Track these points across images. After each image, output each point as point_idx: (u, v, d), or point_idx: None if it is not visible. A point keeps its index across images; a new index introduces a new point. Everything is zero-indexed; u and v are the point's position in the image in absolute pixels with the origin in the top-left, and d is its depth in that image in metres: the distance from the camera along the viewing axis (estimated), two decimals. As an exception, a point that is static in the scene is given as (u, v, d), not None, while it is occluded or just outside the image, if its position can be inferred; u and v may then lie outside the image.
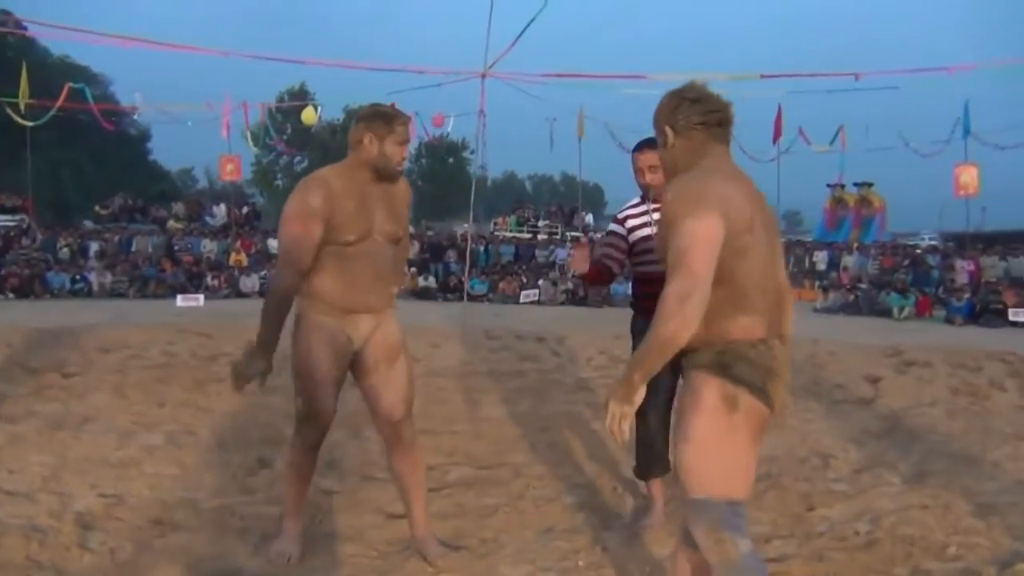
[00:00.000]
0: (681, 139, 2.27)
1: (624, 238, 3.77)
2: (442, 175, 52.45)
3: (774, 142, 24.71)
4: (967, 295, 17.68)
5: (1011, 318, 15.48)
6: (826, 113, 24.04)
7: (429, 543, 3.26)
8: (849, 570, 3.25)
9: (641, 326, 3.39)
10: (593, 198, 54.65)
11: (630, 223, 3.75)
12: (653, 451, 3.67)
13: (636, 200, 3.80)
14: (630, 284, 3.97)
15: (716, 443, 2.15)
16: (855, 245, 24.89)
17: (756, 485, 4.26)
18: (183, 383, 6.78)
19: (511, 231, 25.94)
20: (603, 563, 3.29)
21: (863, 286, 20.43)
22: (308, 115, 22.85)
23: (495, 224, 28.20)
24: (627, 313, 3.88)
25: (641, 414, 3.20)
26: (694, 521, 2.19)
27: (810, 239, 28.45)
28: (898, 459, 4.88)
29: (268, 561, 3.21)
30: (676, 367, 2.60)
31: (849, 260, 22.18)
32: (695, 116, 2.24)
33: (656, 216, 3.44)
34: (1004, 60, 21.72)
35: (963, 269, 20.73)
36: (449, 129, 25.38)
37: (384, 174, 3.11)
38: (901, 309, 17.25)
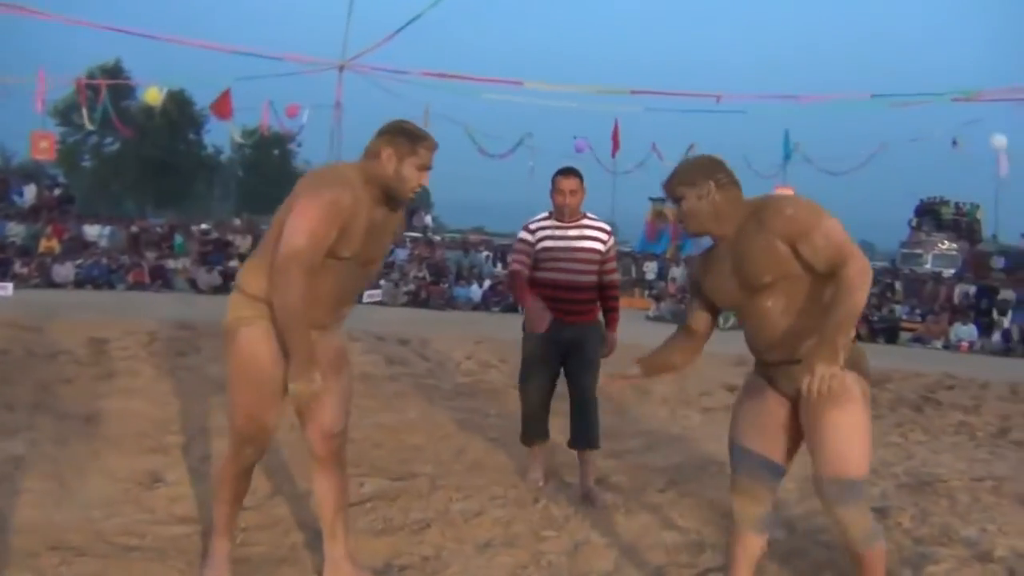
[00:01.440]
0: (722, 193, 2.74)
1: (532, 245, 4.45)
2: (267, 167, 50.50)
3: (612, 155, 25.64)
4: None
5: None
6: (685, 131, 25.40)
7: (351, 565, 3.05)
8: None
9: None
10: (421, 200, 54.51)
11: (539, 234, 4.45)
12: (538, 422, 4.49)
13: (545, 214, 4.51)
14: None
15: (866, 430, 2.62)
16: (670, 256, 26.35)
17: (670, 494, 4.42)
18: (27, 384, 6.07)
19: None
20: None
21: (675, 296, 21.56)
22: (152, 95, 21.27)
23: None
24: (473, 315, 3.99)
25: (528, 391, 4.46)
26: (850, 499, 2.59)
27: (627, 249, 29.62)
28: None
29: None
30: (553, 356, 4.37)
31: (676, 271, 23.37)
32: (730, 177, 2.78)
33: (573, 232, 4.40)
34: (841, 94, 23.65)
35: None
36: (304, 121, 24.20)
37: (393, 196, 2.84)
38: (727, 319, 18.34)
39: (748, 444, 2.81)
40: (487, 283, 20.48)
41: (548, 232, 4.42)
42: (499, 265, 22.86)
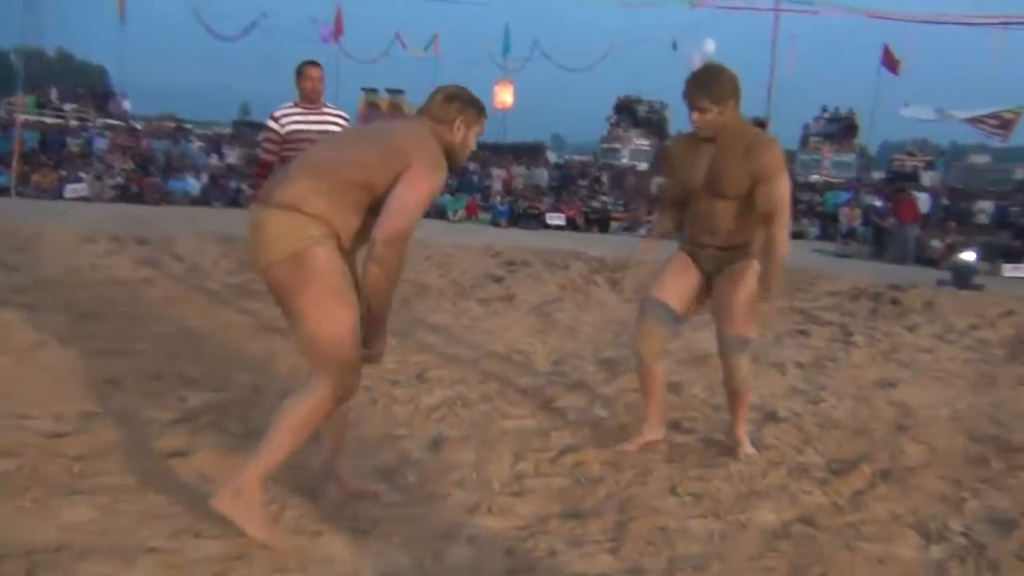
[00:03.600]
0: (734, 112, 3.38)
1: (279, 133, 5.02)
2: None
3: (335, 38, 24.59)
4: (508, 199, 19.89)
5: (548, 221, 17.93)
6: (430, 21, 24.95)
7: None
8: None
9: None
10: (92, 80, 48.62)
11: (285, 120, 5.04)
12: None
13: (290, 104, 5.11)
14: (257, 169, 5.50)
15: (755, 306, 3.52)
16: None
17: (491, 385, 4.59)
18: None
19: (29, 113, 22.11)
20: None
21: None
22: None
23: (7, 104, 23.73)
24: (195, 211, 3.98)
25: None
26: (745, 350, 3.56)
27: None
28: (585, 350, 5.56)
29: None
30: None
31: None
32: (740, 98, 3.40)
33: (317, 117, 5.05)
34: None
35: (498, 176, 23.21)
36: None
37: (453, 162, 2.81)
38: (455, 211, 18.82)
39: (664, 298, 3.59)
40: (204, 176, 19.11)
41: (295, 118, 5.02)
42: (214, 156, 21.36)
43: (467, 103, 2.82)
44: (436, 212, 18.68)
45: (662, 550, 2.73)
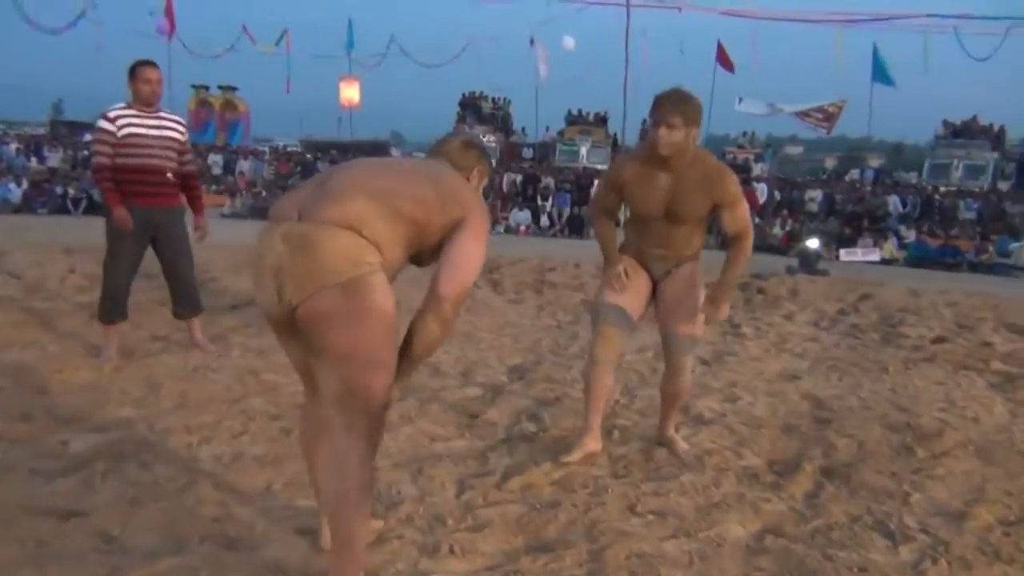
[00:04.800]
0: (696, 133, 3.35)
1: (114, 135, 4.61)
2: None
3: (168, 36, 23.11)
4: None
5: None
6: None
7: None
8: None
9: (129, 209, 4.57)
10: None
11: (120, 122, 4.62)
12: (120, 303, 4.75)
13: (123, 104, 4.70)
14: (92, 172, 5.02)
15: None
16: (220, 146, 25.12)
17: (408, 402, 4.28)
18: None
19: None
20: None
21: (258, 190, 20.80)
22: None
23: None
24: (16, 220, 3.59)
25: (113, 271, 4.70)
26: (692, 350, 3.63)
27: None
28: (490, 357, 5.33)
29: None
30: (140, 240, 4.71)
31: (245, 165, 22.21)
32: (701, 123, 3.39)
33: (154, 122, 4.70)
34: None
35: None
36: None
37: None
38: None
39: (619, 302, 3.53)
40: (24, 181, 17.40)
41: (130, 120, 4.65)
42: (34, 159, 19.53)
43: (484, 153, 2.65)
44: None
45: (647, 579, 2.55)
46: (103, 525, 2.65)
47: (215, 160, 22.47)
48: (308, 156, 26.27)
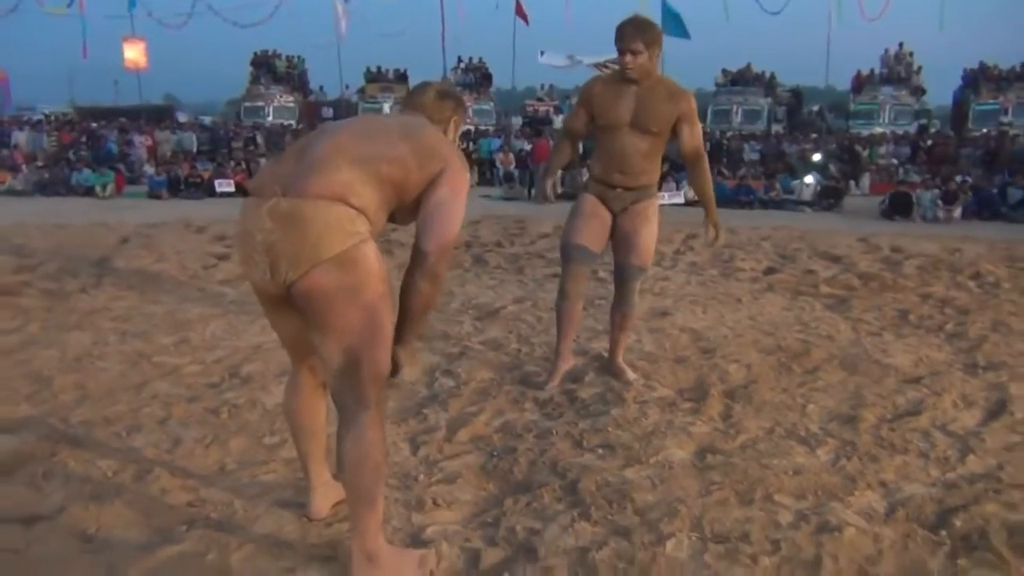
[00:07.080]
0: (657, 55, 3.74)
1: None
2: None
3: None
4: (161, 169, 18.18)
5: (217, 189, 16.71)
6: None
7: None
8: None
9: None
10: None
11: None
12: None
13: None
14: None
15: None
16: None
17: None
18: None
19: None
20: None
21: (39, 164, 19.03)
22: None
23: None
24: None
25: None
26: (640, 277, 4.07)
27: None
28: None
29: None
30: None
31: (21, 137, 20.14)
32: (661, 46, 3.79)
33: None
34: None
35: (141, 144, 21.04)
36: None
37: None
38: (104, 187, 16.75)
39: (582, 241, 3.92)
40: None
41: None
42: None
43: (459, 102, 2.63)
44: (84, 191, 16.53)
45: (624, 504, 2.76)
46: (76, 525, 2.51)
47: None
48: (93, 124, 24.20)
